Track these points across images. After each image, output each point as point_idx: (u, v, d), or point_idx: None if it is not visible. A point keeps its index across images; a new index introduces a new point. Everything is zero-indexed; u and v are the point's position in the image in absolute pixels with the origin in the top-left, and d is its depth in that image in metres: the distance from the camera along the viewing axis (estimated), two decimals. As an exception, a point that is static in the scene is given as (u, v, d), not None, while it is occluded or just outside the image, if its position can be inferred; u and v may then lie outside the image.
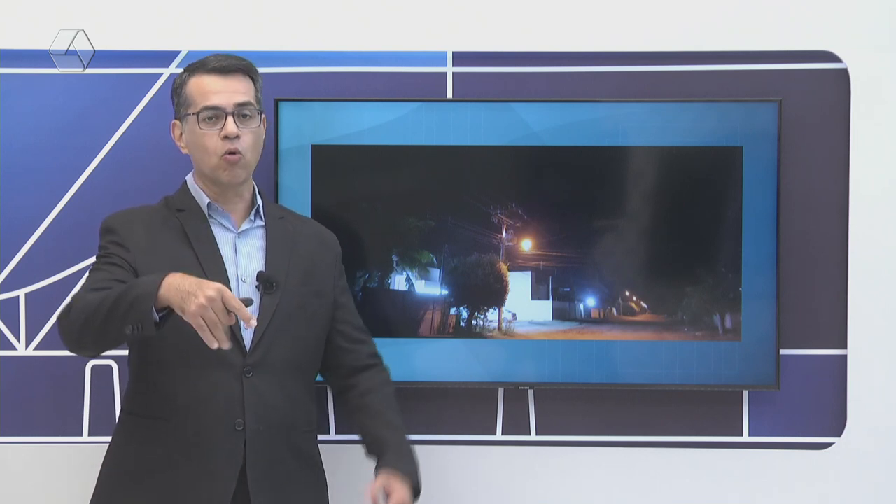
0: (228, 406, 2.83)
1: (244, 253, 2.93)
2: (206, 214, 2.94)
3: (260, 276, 2.88)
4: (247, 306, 2.57)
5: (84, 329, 2.71)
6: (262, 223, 2.98)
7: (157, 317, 2.61)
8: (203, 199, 2.94)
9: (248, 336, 2.86)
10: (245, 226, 2.96)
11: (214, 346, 2.54)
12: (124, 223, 2.92)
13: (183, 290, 2.56)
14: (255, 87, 2.96)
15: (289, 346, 2.88)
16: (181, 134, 2.95)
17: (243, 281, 2.89)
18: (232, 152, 2.88)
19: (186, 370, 2.82)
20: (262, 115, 2.97)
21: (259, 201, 2.99)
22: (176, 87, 2.96)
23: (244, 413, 2.83)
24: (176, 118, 2.97)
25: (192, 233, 2.91)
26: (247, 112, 2.90)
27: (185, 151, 2.97)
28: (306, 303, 2.95)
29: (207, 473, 2.82)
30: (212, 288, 2.54)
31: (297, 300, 2.93)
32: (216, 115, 2.89)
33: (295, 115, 3.37)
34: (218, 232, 2.93)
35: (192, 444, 2.83)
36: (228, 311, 2.55)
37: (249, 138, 2.91)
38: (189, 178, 2.99)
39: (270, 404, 2.86)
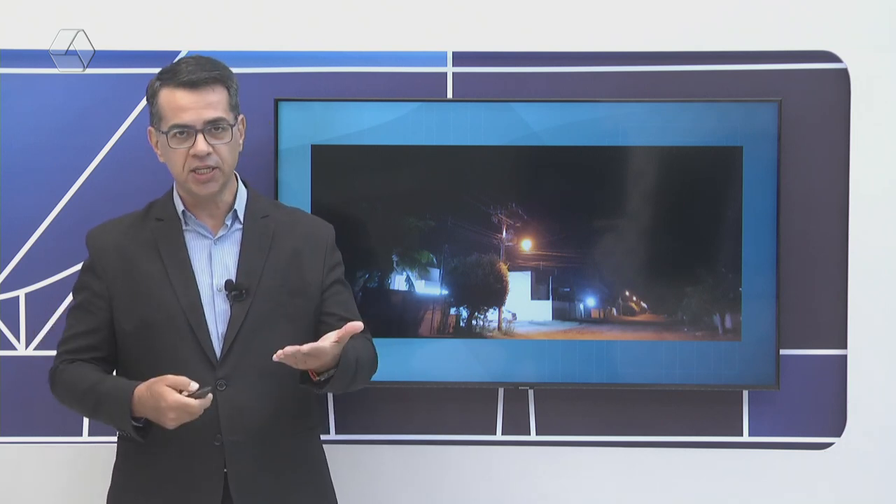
0: (204, 422, 2.78)
1: (219, 260, 2.90)
2: (183, 223, 2.91)
3: (228, 284, 2.85)
4: (204, 395, 2.70)
5: (75, 408, 2.93)
6: (241, 226, 2.94)
7: (138, 424, 2.78)
8: (179, 208, 2.92)
9: (218, 349, 2.85)
10: (221, 232, 2.91)
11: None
12: (96, 244, 2.93)
13: (153, 414, 2.74)
14: (228, 93, 2.88)
15: (264, 352, 2.77)
16: (157, 142, 2.91)
17: (219, 290, 2.87)
18: (202, 169, 2.84)
19: None
20: (240, 117, 2.92)
21: (238, 204, 2.94)
22: (149, 96, 2.90)
23: (220, 427, 2.82)
24: (151, 125, 2.92)
25: (163, 245, 2.89)
26: (219, 126, 2.85)
27: (161, 160, 2.93)
28: (285, 303, 2.89)
29: (192, 492, 2.83)
30: (171, 409, 2.69)
31: (273, 302, 2.88)
32: (186, 132, 2.83)
33: (295, 115, 3.37)
34: (193, 240, 2.90)
35: (174, 464, 2.83)
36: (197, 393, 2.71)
37: (223, 150, 2.85)
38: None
39: (249, 414, 2.84)
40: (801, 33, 3.42)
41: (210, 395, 2.70)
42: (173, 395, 2.68)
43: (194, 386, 2.69)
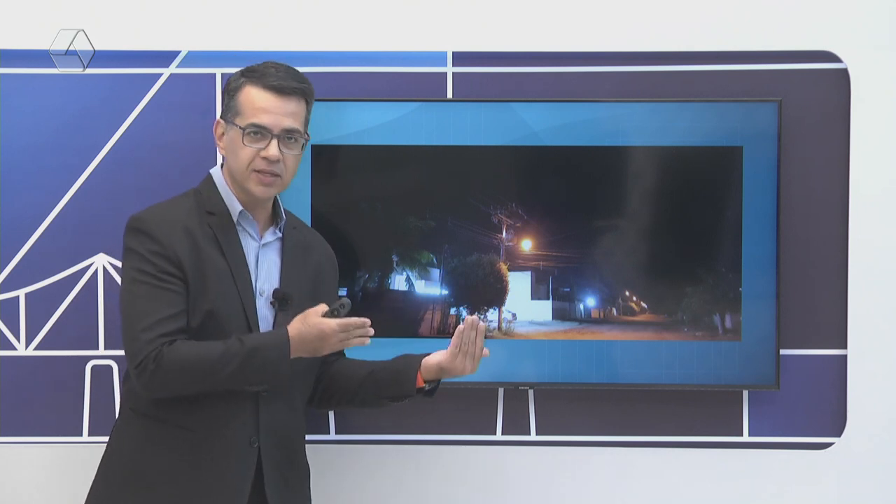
0: (246, 422, 2.84)
1: (264, 266, 2.91)
2: (235, 221, 2.90)
3: (276, 293, 2.87)
4: (345, 309, 2.79)
5: (187, 386, 2.79)
6: (280, 235, 2.95)
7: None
8: (235, 206, 2.89)
9: None
10: (268, 237, 2.93)
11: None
12: (164, 230, 2.84)
13: (315, 345, 2.79)
14: (307, 108, 2.91)
15: (298, 363, 2.83)
16: (223, 134, 2.90)
17: (261, 294, 2.88)
18: (267, 173, 2.85)
19: None
20: (307, 138, 2.93)
21: (283, 214, 2.96)
22: (229, 89, 2.90)
23: (259, 431, 2.85)
24: (222, 118, 2.91)
25: (224, 242, 2.87)
26: (292, 136, 2.86)
27: (221, 153, 2.92)
28: None
29: (224, 484, 2.83)
30: (335, 333, 2.77)
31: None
32: (262, 133, 2.84)
33: (295, 115, 3.37)
34: (244, 240, 2.90)
35: (209, 454, 2.82)
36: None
37: (290, 161, 2.87)
38: (216, 174, 2.93)
39: (280, 422, 2.89)
40: (801, 33, 3.42)
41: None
42: (331, 321, 2.75)
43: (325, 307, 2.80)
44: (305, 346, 2.78)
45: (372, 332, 2.79)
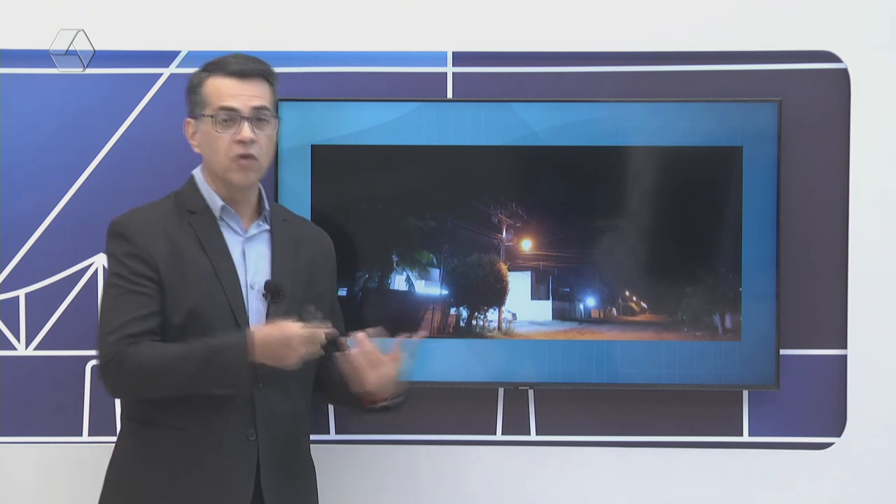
0: (241, 416, 2.82)
1: (252, 259, 2.90)
2: (218, 217, 2.90)
3: (268, 285, 2.86)
4: (315, 318, 2.75)
5: (150, 387, 2.78)
6: (268, 227, 2.95)
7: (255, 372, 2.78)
8: (216, 202, 2.89)
9: None
10: (253, 230, 2.92)
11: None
12: (140, 231, 2.85)
13: (279, 352, 2.74)
14: (271, 90, 2.91)
15: (264, 367, 2.80)
16: (194, 133, 2.91)
17: (251, 287, 2.87)
18: (245, 156, 2.85)
19: None
20: (277, 119, 2.94)
21: (266, 205, 2.96)
22: (192, 86, 2.91)
23: (256, 424, 2.84)
24: (190, 116, 2.92)
25: (205, 239, 2.87)
26: (263, 116, 2.87)
27: (197, 150, 2.92)
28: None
29: (226, 481, 2.82)
30: (301, 342, 2.73)
31: (300, 307, 2.88)
32: (232, 117, 2.85)
33: (295, 115, 3.37)
34: (227, 236, 2.90)
35: (209, 453, 2.82)
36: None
37: (264, 142, 2.87)
38: (197, 174, 2.94)
39: (278, 414, 2.87)
40: (801, 33, 3.42)
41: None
42: (295, 325, 2.72)
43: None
44: (269, 350, 2.74)
45: (325, 341, 2.76)
